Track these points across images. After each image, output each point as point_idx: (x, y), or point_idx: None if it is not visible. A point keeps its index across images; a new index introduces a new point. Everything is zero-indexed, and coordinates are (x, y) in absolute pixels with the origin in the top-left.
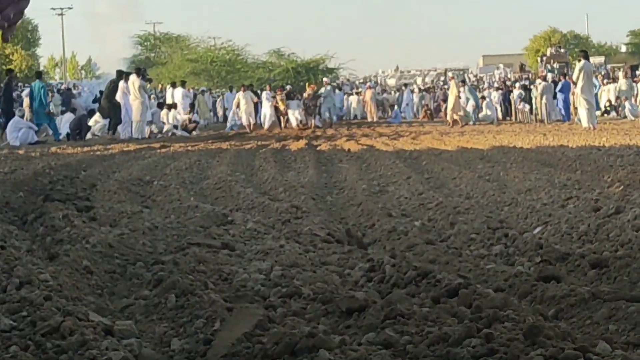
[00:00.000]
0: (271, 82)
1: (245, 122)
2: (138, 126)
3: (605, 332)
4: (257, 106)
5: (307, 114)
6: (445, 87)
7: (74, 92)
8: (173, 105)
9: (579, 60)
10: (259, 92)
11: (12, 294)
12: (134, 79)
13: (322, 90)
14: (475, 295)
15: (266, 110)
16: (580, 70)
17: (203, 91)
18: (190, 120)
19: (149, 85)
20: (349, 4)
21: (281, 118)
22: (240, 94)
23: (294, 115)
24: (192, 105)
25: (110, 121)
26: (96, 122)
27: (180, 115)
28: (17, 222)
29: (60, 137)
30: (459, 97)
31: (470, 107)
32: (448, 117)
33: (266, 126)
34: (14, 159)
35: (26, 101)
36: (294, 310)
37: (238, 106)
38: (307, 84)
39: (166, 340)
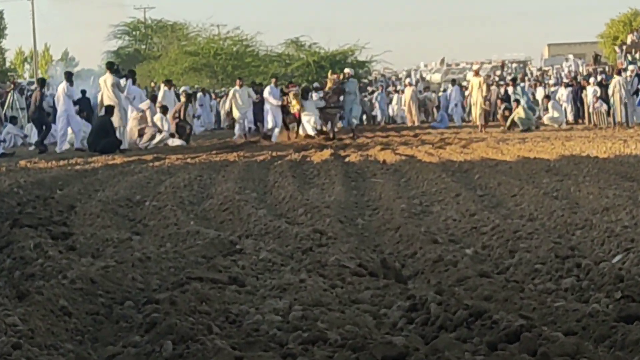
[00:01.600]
0: (289, 78)
1: (238, 129)
2: (120, 134)
3: None
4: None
5: (324, 117)
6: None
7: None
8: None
9: None
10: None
11: None
12: (106, 76)
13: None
14: (540, 340)
15: (269, 112)
16: None
17: (187, 92)
18: (180, 124)
19: (123, 83)
20: None
21: (289, 123)
22: (237, 90)
23: (310, 122)
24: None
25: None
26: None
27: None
28: None
29: (32, 147)
30: (488, 98)
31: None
32: (478, 121)
33: (269, 134)
34: None
35: None
36: None
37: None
38: (329, 72)
39: None
